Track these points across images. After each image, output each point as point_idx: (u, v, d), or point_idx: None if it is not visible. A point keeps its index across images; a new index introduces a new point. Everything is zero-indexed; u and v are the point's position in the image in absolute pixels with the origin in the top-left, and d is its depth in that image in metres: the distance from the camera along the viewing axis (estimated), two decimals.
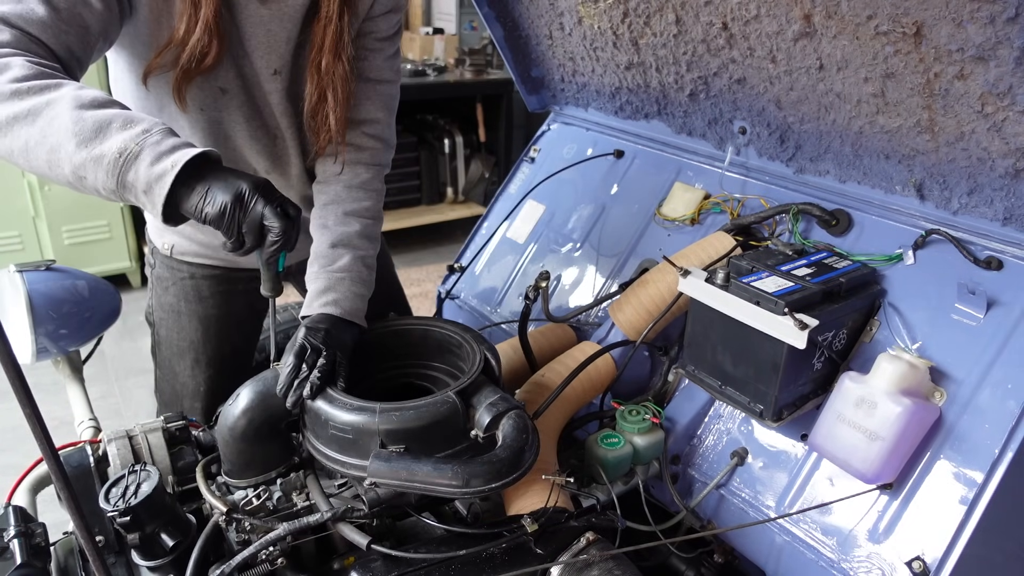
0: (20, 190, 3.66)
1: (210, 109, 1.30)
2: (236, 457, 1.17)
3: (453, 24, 5.33)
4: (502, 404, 1.11)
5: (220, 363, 1.63)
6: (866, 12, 1.15)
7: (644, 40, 1.63)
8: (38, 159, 0.96)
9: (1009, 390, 1.14)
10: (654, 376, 1.58)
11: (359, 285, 1.31)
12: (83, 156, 0.94)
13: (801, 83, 1.39)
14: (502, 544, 1.05)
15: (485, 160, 5.10)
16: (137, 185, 0.95)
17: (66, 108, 0.95)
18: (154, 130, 0.97)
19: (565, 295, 1.86)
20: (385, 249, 1.73)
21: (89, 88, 0.99)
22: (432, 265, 4.62)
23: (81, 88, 0.98)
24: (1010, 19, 0.99)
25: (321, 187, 1.40)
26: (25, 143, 0.95)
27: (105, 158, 0.94)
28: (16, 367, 0.64)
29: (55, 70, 1.01)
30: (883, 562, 1.15)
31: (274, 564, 1.06)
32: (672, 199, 1.74)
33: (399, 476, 1.00)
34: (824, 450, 1.21)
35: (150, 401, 1.77)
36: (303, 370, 1.14)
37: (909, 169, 1.33)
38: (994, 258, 1.24)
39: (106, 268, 3.95)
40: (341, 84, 1.29)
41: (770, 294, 1.18)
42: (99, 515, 1.09)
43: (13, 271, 1.62)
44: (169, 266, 1.57)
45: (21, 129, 0.95)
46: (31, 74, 0.96)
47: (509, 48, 2.03)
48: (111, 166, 0.94)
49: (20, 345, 1.56)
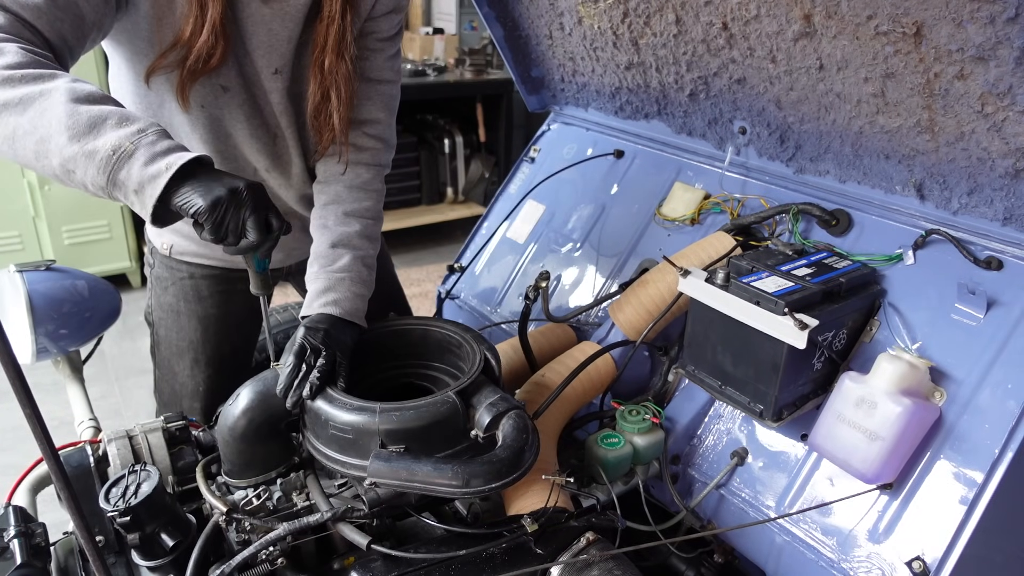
0: (20, 190, 3.66)
1: (211, 106, 1.30)
2: (236, 457, 1.17)
3: (453, 24, 5.33)
4: (502, 404, 1.11)
5: (219, 363, 1.63)
6: (866, 12, 1.15)
7: (644, 40, 1.63)
8: (25, 149, 0.95)
9: (1009, 390, 1.13)
10: (654, 376, 1.58)
11: (359, 285, 1.31)
12: (74, 150, 0.93)
13: (801, 83, 1.39)
14: (502, 544, 1.05)
15: (485, 160, 5.10)
16: (128, 184, 0.95)
17: (60, 100, 0.94)
18: (149, 130, 0.97)
19: (565, 295, 1.86)
20: (385, 249, 1.73)
21: (84, 82, 0.98)
22: (432, 265, 4.62)
23: (76, 81, 0.97)
24: (1010, 19, 0.99)
25: (322, 187, 1.40)
26: (13, 131, 0.94)
27: (98, 154, 0.93)
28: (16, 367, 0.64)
29: (48, 59, 1.00)
30: (883, 562, 1.15)
31: (274, 564, 1.06)
32: (672, 199, 1.74)
33: (399, 476, 1.00)
34: (824, 450, 1.21)
35: (150, 401, 1.77)
36: (303, 370, 1.14)
37: (909, 169, 1.33)
38: (994, 258, 1.24)
39: (106, 268, 3.95)
40: (344, 83, 1.29)
41: (770, 294, 1.18)
42: (99, 515, 1.09)
43: (13, 271, 1.63)
44: (168, 266, 1.57)
45: (10, 117, 0.93)
46: (24, 62, 0.95)
47: (509, 48, 2.03)
48: (103, 163, 0.93)
49: (20, 345, 1.56)
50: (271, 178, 1.44)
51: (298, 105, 1.37)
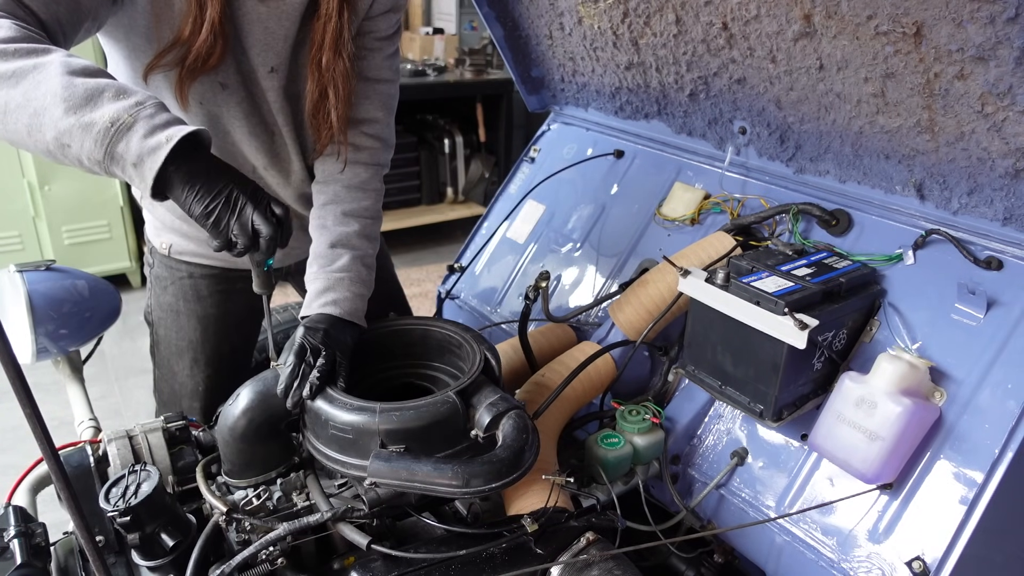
0: (20, 190, 3.66)
1: (209, 103, 1.30)
2: (236, 457, 1.17)
3: (453, 24, 5.33)
4: (502, 404, 1.11)
5: (219, 363, 1.63)
6: (866, 12, 1.15)
7: (644, 40, 1.63)
8: (17, 123, 0.93)
9: (1009, 390, 1.14)
10: (654, 376, 1.58)
11: (358, 285, 1.31)
12: (70, 123, 0.91)
13: (801, 83, 1.39)
14: (502, 544, 1.05)
15: (485, 160, 5.10)
16: (127, 157, 0.93)
17: (56, 73, 0.92)
18: (148, 103, 0.95)
19: (565, 295, 1.86)
20: (385, 249, 1.73)
21: (79, 57, 0.97)
22: (432, 265, 4.62)
23: (71, 55, 0.96)
24: (1010, 19, 0.99)
25: (320, 187, 1.40)
26: (4, 105, 0.92)
27: (95, 126, 0.92)
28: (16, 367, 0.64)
29: (42, 37, 0.98)
30: (883, 562, 1.15)
31: (274, 564, 1.06)
32: (672, 199, 1.74)
33: (399, 476, 1.00)
34: (824, 450, 1.21)
35: (150, 401, 1.77)
36: (302, 370, 1.14)
37: (909, 169, 1.33)
38: (994, 258, 1.24)
39: (106, 268, 3.95)
40: (342, 81, 1.29)
41: (770, 294, 1.18)
42: (99, 515, 1.09)
43: (13, 271, 1.63)
44: (168, 266, 1.57)
45: (1, 91, 0.92)
46: (18, 36, 0.94)
47: (509, 48, 2.03)
48: (101, 135, 0.92)
49: (20, 345, 1.56)
50: (270, 176, 1.44)
51: (295, 104, 1.37)
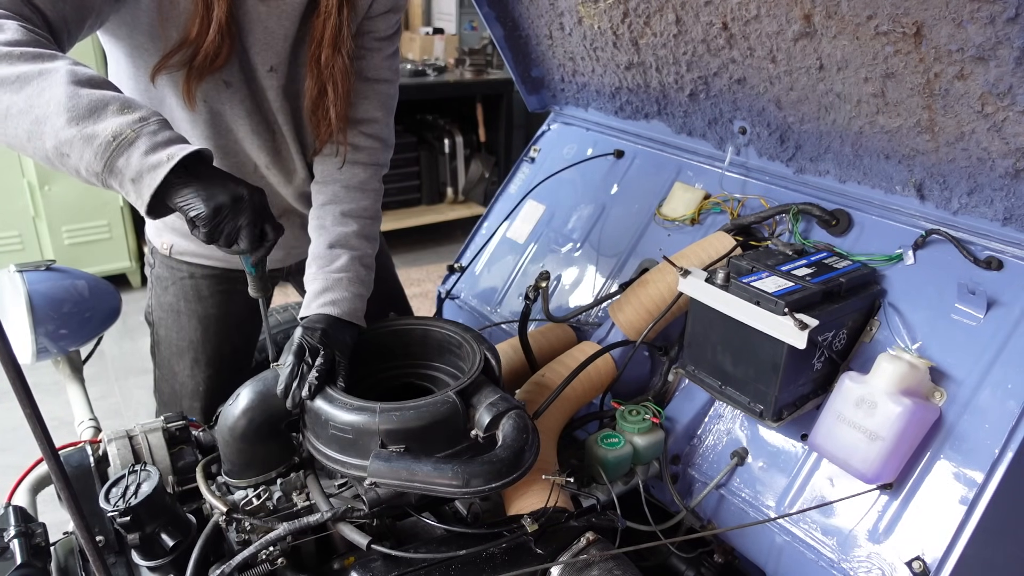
0: (20, 190, 3.66)
1: (213, 101, 1.30)
2: (236, 457, 1.17)
3: (453, 24, 5.33)
4: (502, 404, 1.11)
5: (219, 363, 1.63)
6: (866, 12, 1.15)
7: (644, 40, 1.63)
8: (17, 128, 0.92)
9: (1009, 390, 1.13)
10: (654, 376, 1.58)
11: (357, 285, 1.31)
12: (72, 133, 0.91)
13: (801, 83, 1.39)
14: (502, 544, 1.05)
15: (485, 160, 5.10)
16: (126, 172, 0.93)
17: (61, 81, 0.92)
18: (152, 119, 0.95)
19: (565, 295, 1.86)
20: (385, 249, 1.73)
21: (85, 66, 0.97)
22: (432, 265, 4.62)
23: (77, 64, 0.96)
24: (1010, 19, 0.99)
25: (319, 187, 1.40)
26: (6, 109, 0.92)
27: (97, 139, 0.91)
28: (16, 367, 0.64)
29: (47, 40, 0.98)
30: (883, 562, 1.15)
31: (274, 564, 1.06)
32: (672, 199, 1.74)
33: (399, 476, 1.00)
34: (824, 450, 1.21)
35: (150, 401, 1.78)
36: (302, 370, 1.14)
37: (909, 169, 1.33)
38: (994, 258, 1.24)
39: (106, 268, 3.95)
40: (341, 78, 1.29)
41: (770, 294, 1.18)
42: (99, 515, 1.09)
43: (13, 271, 1.63)
44: (168, 266, 1.57)
45: (4, 95, 0.91)
46: (24, 40, 0.93)
47: (509, 48, 2.03)
48: (102, 148, 0.91)
49: (20, 345, 1.56)
50: (271, 175, 1.44)
51: (294, 103, 1.37)
